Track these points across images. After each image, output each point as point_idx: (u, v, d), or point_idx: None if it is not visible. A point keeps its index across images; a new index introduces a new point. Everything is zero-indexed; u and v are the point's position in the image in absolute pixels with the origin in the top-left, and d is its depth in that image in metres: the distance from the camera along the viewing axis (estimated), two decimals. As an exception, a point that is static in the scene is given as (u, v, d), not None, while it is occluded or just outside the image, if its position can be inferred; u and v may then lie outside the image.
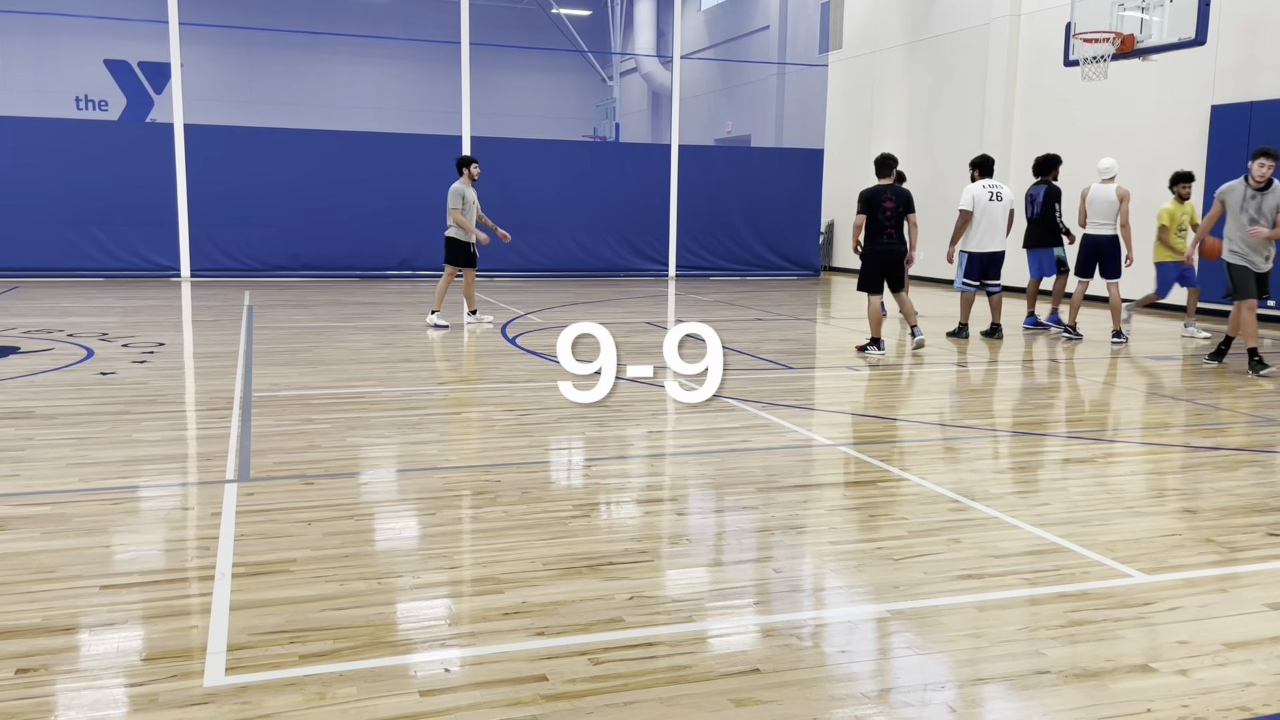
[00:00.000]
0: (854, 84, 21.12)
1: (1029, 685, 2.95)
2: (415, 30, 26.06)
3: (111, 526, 4.26)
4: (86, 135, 16.75)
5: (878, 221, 9.36)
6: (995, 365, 9.36)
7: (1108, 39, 11.73)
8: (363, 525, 4.34)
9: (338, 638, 3.17)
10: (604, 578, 3.73)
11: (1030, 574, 3.86)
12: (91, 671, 2.95)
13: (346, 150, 17.84)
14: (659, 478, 5.36)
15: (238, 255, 17.26)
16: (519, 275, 18.36)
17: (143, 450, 5.55)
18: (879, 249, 9.38)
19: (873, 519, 4.53)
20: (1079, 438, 6.32)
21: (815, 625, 3.40)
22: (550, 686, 2.87)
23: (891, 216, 9.38)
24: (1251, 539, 4.33)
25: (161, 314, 12.13)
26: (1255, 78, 12.84)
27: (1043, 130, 16.12)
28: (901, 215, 9.43)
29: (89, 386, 7.38)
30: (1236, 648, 3.21)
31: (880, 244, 9.38)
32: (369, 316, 12.23)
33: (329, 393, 7.29)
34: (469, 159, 11.05)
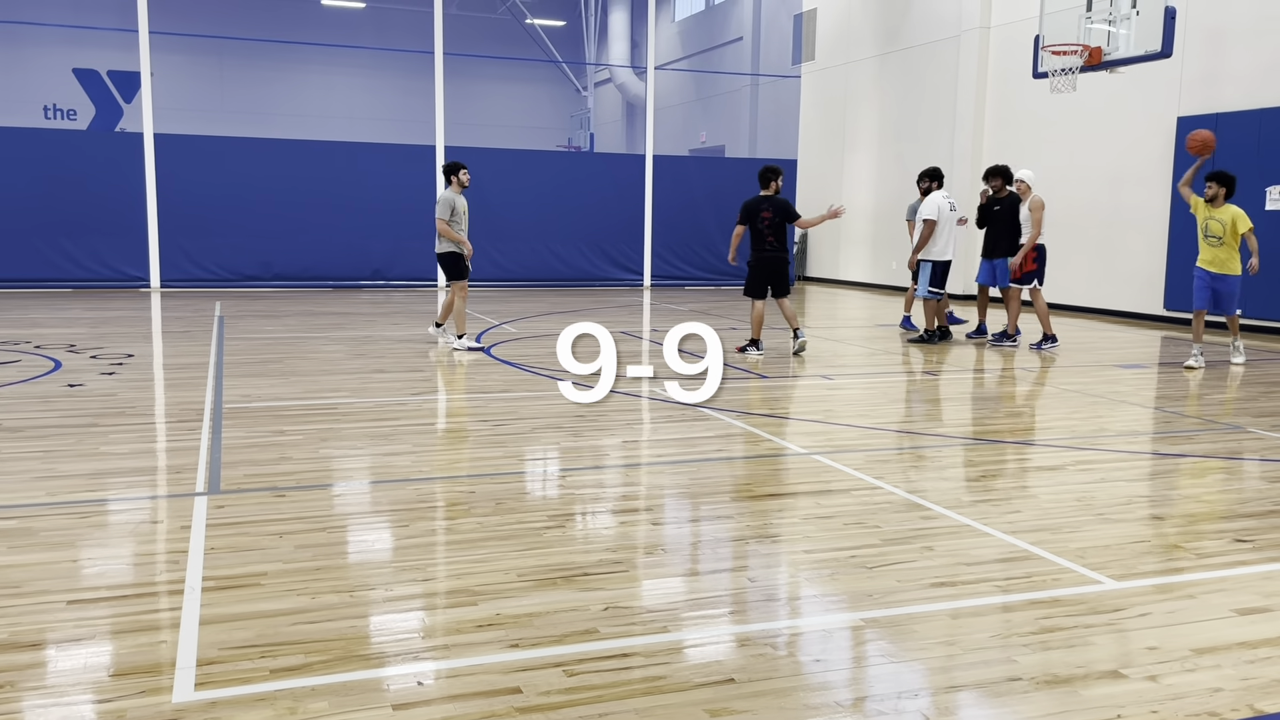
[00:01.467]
0: (827, 95, 21.27)
1: (1001, 692, 2.96)
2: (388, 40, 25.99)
3: (79, 540, 4.20)
4: (55, 144, 16.56)
5: (758, 231, 9.86)
6: (966, 374, 9.43)
7: (1075, 51, 11.89)
8: (335, 538, 4.31)
9: (309, 652, 3.15)
10: (579, 589, 3.72)
11: (1002, 581, 3.88)
12: (59, 688, 2.91)
13: (319, 160, 17.76)
14: (634, 488, 5.36)
15: (208, 265, 17.12)
16: (494, 285, 18.33)
17: (111, 463, 5.49)
18: (763, 257, 9.94)
19: (846, 527, 4.55)
20: (1049, 445, 6.38)
21: (790, 634, 3.41)
22: (524, 699, 2.86)
23: (770, 226, 9.83)
24: (1219, 545, 4.38)
25: (131, 325, 12.01)
26: (1220, 89, 13.04)
27: (1012, 141, 16.29)
28: (780, 224, 9.85)
29: (56, 399, 7.29)
30: (1205, 653, 3.25)
31: (764, 252, 9.93)
32: (342, 327, 12.16)
33: (301, 404, 7.24)
34: (458, 165, 10.11)
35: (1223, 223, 9.33)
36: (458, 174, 10.00)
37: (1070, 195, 15.16)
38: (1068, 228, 15.21)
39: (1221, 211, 9.39)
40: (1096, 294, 14.89)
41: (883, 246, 19.76)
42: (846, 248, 20.97)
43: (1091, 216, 14.88)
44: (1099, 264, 14.82)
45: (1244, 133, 12.61)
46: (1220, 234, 9.35)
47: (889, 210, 19.49)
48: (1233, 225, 9.29)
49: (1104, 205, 14.69)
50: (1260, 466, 5.93)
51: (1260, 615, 3.58)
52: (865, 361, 10.15)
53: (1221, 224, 9.33)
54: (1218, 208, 9.41)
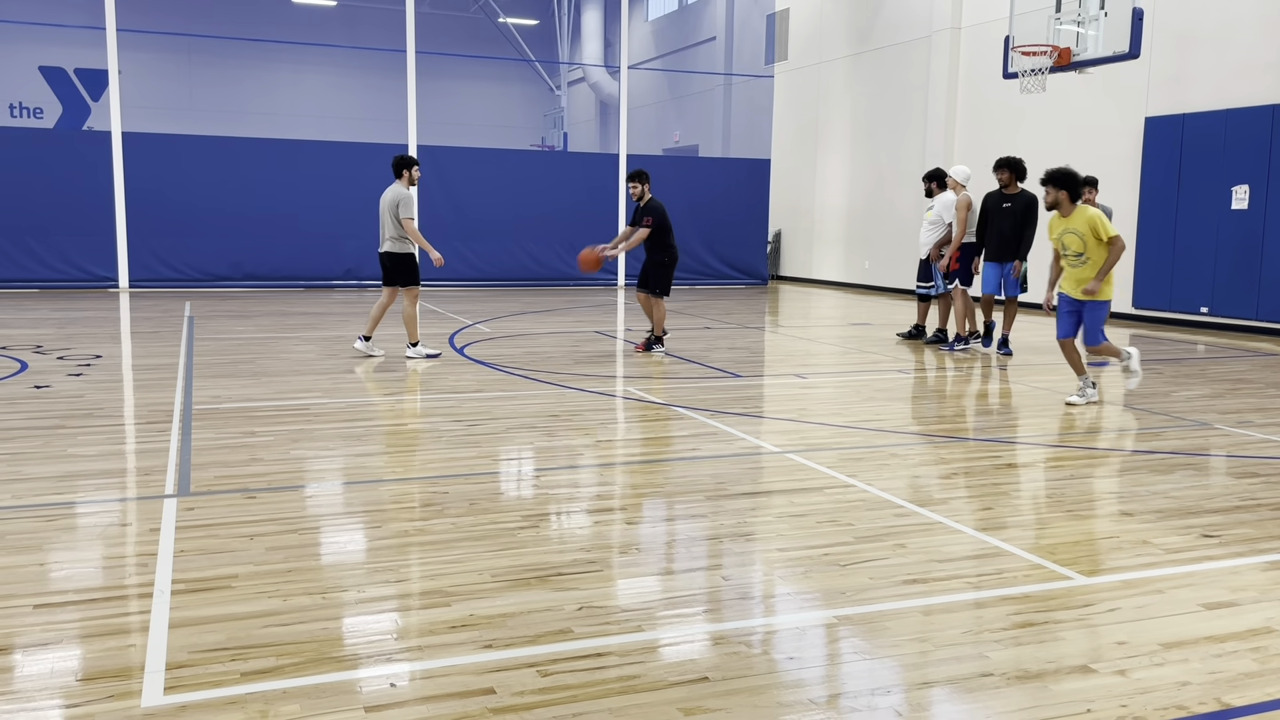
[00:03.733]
0: (800, 95, 21.35)
1: (973, 688, 2.99)
2: (359, 38, 25.85)
3: (46, 544, 4.15)
4: (20, 143, 16.35)
5: (669, 230, 10.01)
6: (937, 373, 9.50)
7: (1045, 52, 11.99)
8: (307, 539, 4.28)
9: (281, 654, 3.12)
10: (553, 588, 3.72)
11: (974, 578, 3.91)
12: (26, 693, 2.87)
13: (289, 159, 17.63)
14: (608, 487, 5.36)
15: (178, 265, 16.96)
16: (466, 285, 18.26)
17: (78, 465, 5.42)
18: (681, 257, 10.41)
19: (819, 525, 4.57)
20: (1020, 443, 6.43)
21: (764, 632, 3.42)
22: (498, 699, 2.85)
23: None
24: (1187, 540, 4.43)
25: (99, 326, 11.87)
26: (1186, 90, 13.21)
27: (983, 140, 16.42)
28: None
29: (22, 400, 7.19)
30: (1173, 647, 3.29)
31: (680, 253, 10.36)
32: (313, 327, 12.08)
33: (272, 405, 7.18)
34: (411, 160, 9.41)
35: (1078, 234, 7.38)
36: (410, 169, 9.38)
37: (1040, 194, 15.29)
38: (1038, 228, 15.36)
39: (1074, 219, 7.42)
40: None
41: (856, 246, 19.86)
42: (819, 247, 21.06)
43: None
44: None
45: (1210, 133, 12.78)
46: (1081, 249, 7.41)
47: (862, 210, 19.59)
48: (1091, 233, 7.32)
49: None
50: (1226, 462, 6.01)
51: (1227, 610, 3.63)
52: (838, 360, 10.20)
53: (1078, 236, 7.39)
54: (1066, 215, 7.48)
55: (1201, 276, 13.02)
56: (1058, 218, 7.58)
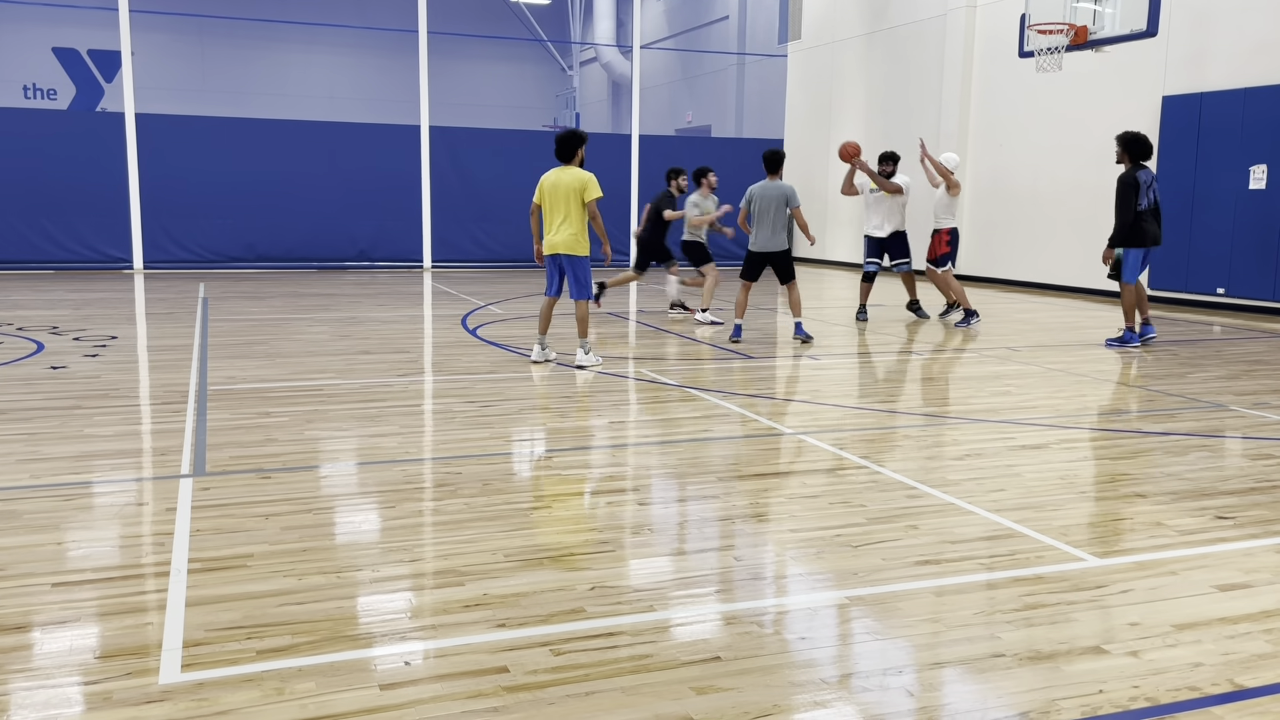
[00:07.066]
0: (813, 74, 21.20)
1: (985, 668, 2.99)
2: (371, 19, 25.78)
3: (64, 523, 4.19)
4: (35, 124, 16.40)
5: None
6: (950, 354, 9.46)
7: (1061, 30, 11.87)
8: (321, 519, 4.31)
9: (296, 632, 3.15)
10: (565, 568, 3.73)
11: (986, 559, 3.91)
12: (44, 670, 2.90)
13: (302, 140, 17.63)
14: (620, 468, 5.37)
15: (192, 247, 17.01)
16: (479, 266, 18.26)
17: (95, 445, 5.46)
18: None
19: (832, 506, 4.57)
20: (1034, 424, 6.41)
21: (776, 612, 3.42)
22: (511, 678, 2.87)
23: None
24: (1200, 522, 4.42)
25: (114, 307, 11.93)
26: (1205, 69, 13.06)
27: (998, 120, 16.29)
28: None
29: (40, 381, 7.24)
30: (1186, 629, 3.28)
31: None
32: (327, 308, 12.11)
33: (286, 385, 7.22)
34: (706, 169, 11.74)
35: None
36: (707, 176, 11.52)
37: (1056, 174, 15.19)
38: (1054, 206, 15.25)
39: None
40: (1082, 274, 14.93)
41: (869, 226, 19.73)
42: (833, 229, 20.96)
43: (1077, 196, 14.91)
44: (1084, 243, 14.85)
45: (1228, 113, 12.64)
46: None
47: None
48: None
49: (1089, 184, 14.70)
50: (1241, 444, 5.98)
51: (1241, 591, 3.62)
52: (852, 342, 10.17)
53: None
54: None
55: (1218, 257, 12.91)
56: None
